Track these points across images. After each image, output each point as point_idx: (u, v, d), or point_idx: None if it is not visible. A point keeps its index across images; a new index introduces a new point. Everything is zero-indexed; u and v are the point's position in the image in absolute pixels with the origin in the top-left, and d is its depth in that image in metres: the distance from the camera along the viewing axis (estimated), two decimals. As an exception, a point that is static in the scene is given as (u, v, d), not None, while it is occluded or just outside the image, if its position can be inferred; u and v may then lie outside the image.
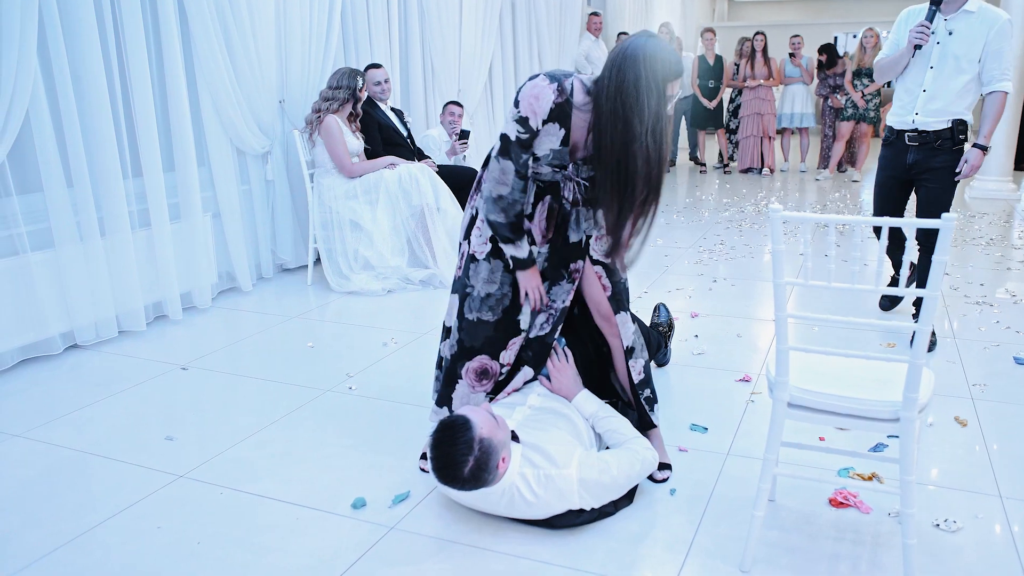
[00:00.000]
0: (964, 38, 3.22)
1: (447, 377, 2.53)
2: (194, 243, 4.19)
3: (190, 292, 4.23)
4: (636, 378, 2.52)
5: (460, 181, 5.17)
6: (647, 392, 2.54)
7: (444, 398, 2.55)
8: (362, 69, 5.05)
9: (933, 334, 3.50)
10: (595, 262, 2.46)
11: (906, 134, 3.41)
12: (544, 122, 2.16)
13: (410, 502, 2.38)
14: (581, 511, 2.18)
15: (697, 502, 2.35)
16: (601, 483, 2.17)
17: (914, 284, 3.74)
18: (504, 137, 2.21)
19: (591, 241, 2.45)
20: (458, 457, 2.01)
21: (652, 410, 2.55)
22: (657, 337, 3.21)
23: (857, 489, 2.32)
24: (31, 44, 3.28)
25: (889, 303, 4.01)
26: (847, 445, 2.64)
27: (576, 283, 2.48)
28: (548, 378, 2.53)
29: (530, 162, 2.26)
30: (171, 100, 4.06)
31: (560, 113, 2.15)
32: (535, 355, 2.51)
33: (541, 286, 2.41)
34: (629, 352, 2.50)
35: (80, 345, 3.70)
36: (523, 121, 2.16)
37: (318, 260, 4.82)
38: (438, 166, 5.07)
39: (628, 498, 2.31)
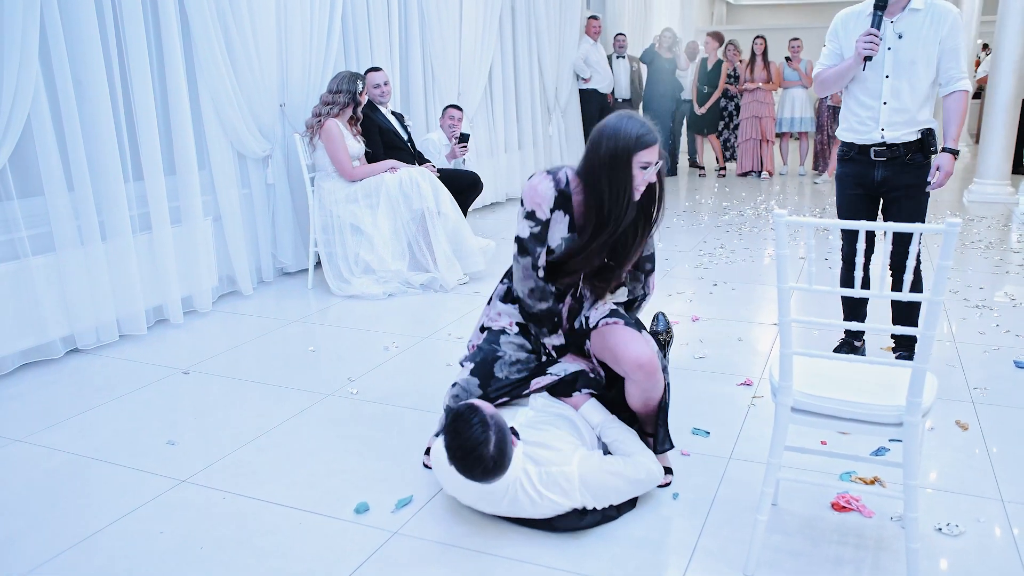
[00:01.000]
0: (916, 39, 2.91)
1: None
2: (195, 247, 4.19)
3: (191, 296, 4.23)
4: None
5: (460, 185, 5.19)
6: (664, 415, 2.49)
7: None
8: (362, 72, 5.06)
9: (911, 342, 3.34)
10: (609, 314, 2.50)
11: (872, 149, 3.06)
12: (551, 210, 2.31)
13: (413, 506, 2.38)
14: (584, 513, 2.18)
15: (700, 506, 2.35)
16: (603, 482, 2.18)
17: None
18: (518, 239, 2.37)
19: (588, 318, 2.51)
20: (479, 436, 2.02)
21: (668, 436, 2.49)
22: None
23: (860, 493, 2.33)
24: (33, 47, 3.28)
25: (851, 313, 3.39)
26: (848, 449, 2.64)
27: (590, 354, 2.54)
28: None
29: (543, 261, 2.38)
30: (172, 103, 4.06)
31: (562, 200, 2.31)
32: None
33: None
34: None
35: (81, 349, 3.69)
36: (531, 215, 2.32)
37: (319, 264, 4.82)
38: (438, 170, 5.07)
39: (631, 502, 2.31)
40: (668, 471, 2.50)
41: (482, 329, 2.58)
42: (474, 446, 2.02)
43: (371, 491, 2.46)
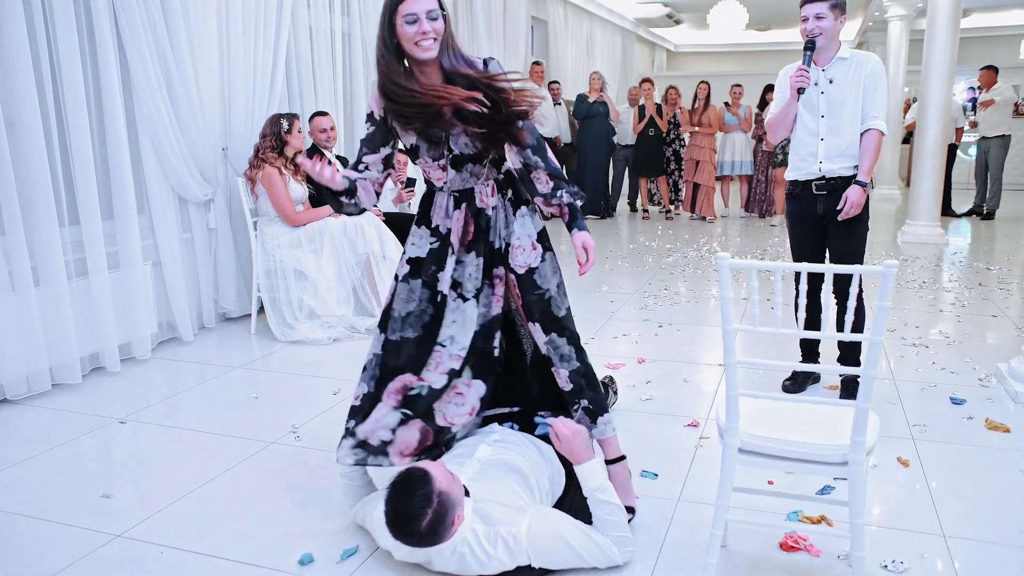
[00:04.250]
0: (844, 83, 3.26)
1: (367, 407, 2.45)
2: (133, 292, 4.08)
3: (129, 343, 4.10)
4: (565, 387, 2.47)
5: (407, 228, 5.14)
6: (583, 402, 2.46)
7: (358, 418, 2.46)
8: (308, 117, 5.06)
9: (854, 389, 3.33)
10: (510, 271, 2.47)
11: (813, 183, 3.34)
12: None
13: (359, 556, 2.31)
14: (531, 569, 2.14)
15: (650, 549, 2.34)
16: (551, 549, 2.12)
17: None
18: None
19: (510, 248, 2.45)
20: (416, 510, 1.97)
21: (594, 422, 2.46)
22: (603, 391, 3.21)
23: (807, 532, 2.34)
24: (-36, 90, 3.20)
25: (807, 355, 3.64)
26: (795, 489, 2.67)
27: (500, 289, 2.47)
28: (546, 436, 2.47)
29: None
30: (110, 146, 3.98)
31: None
32: (476, 365, 2.45)
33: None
34: (546, 361, 2.47)
35: (10, 399, 3.54)
36: (369, 116, 2.39)
37: (262, 309, 4.73)
38: (384, 213, 5.06)
39: None
40: (630, 510, 2.48)
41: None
42: (409, 516, 1.98)
43: (315, 541, 2.39)
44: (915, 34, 9.97)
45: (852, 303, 1.89)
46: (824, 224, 3.37)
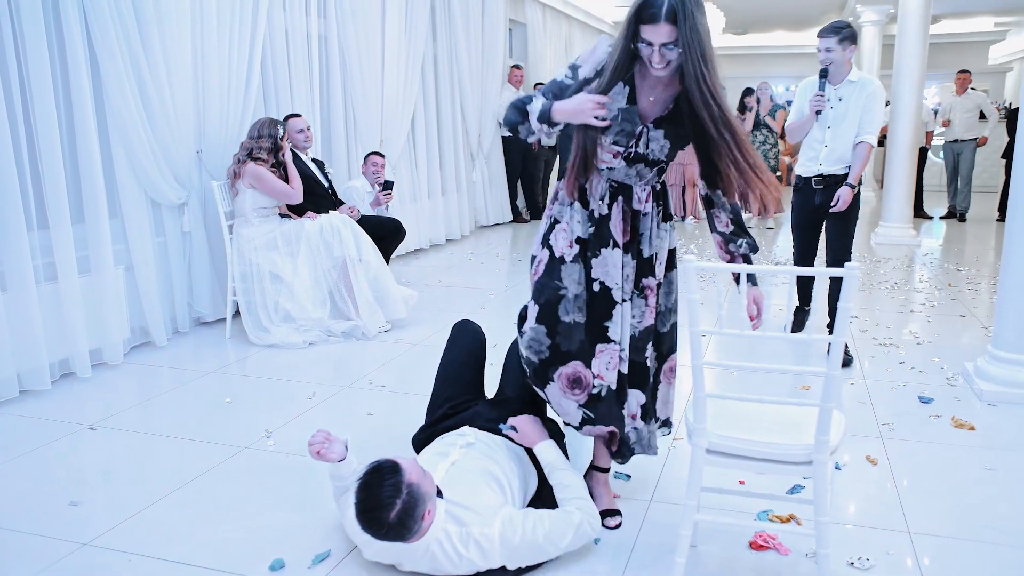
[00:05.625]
0: (850, 102, 3.94)
1: (539, 377, 2.42)
2: (104, 297, 4.03)
3: (100, 348, 4.06)
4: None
5: (383, 232, 5.17)
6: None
7: (540, 383, 2.44)
8: (281, 119, 5.04)
9: (848, 352, 4.10)
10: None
11: (813, 179, 4.05)
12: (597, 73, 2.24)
13: (331, 561, 2.31)
14: (504, 571, 2.15)
15: (622, 550, 2.35)
16: (523, 548, 2.13)
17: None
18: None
19: (656, 260, 2.44)
20: (385, 499, 1.97)
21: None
22: None
23: (776, 531, 2.37)
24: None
25: (798, 326, 4.33)
26: (767, 488, 2.70)
27: (653, 299, 2.45)
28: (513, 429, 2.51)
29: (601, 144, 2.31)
30: (81, 150, 3.94)
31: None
32: (631, 373, 2.46)
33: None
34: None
35: (-22, 406, 3.50)
36: (572, 66, 2.25)
37: (237, 313, 4.71)
38: (362, 216, 5.05)
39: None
40: (616, 513, 2.51)
41: (544, 243, 2.45)
42: (378, 505, 1.98)
43: (287, 546, 2.38)
44: (888, 39, 10.07)
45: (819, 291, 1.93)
46: (821, 212, 4.06)
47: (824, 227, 4.13)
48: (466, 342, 2.89)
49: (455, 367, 2.83)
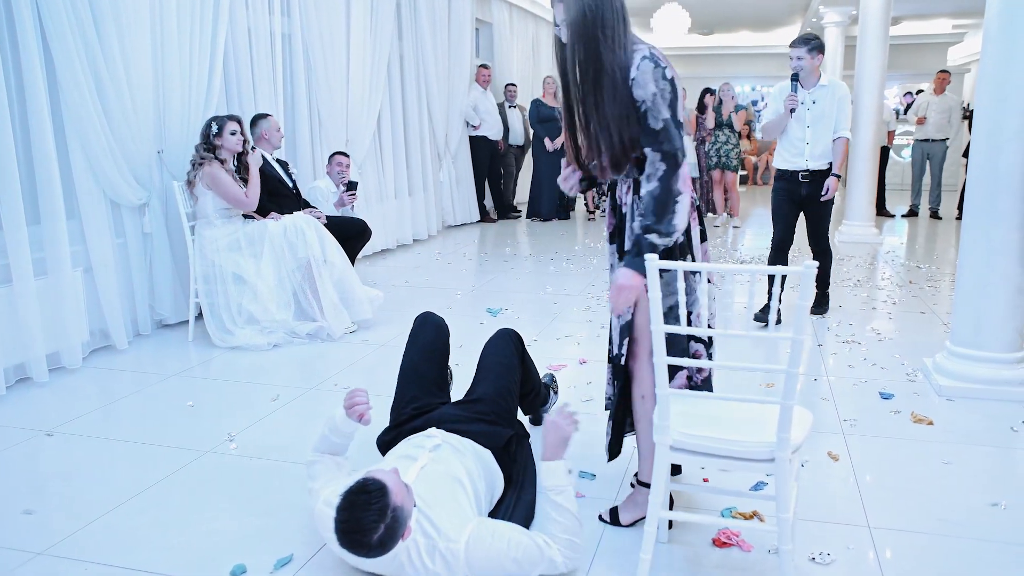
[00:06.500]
0: (824, 103, 4.61)
1: None
2: (62, 299, 3.95)
3: (58, 352, 3.97)
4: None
5: (348, 232, 5.13)
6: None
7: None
8: (250, 118, 5.00)
9: (826, 301, 5.06)
10: None
11: (799, 174, 4.68)
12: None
13: (293, 565, 2.28)
14: None
15: (588, 547, 2.35)
16: (489, 567, 2.09)
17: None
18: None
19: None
20: (369, 523, 1.92)
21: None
22: (544, 391, 3.24)
23: (739, 528, 2.38)
24: None
25: (764, 316, 4.81)
26: (730, 485, 2.71)
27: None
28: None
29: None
30: (35, 149, 3.85)
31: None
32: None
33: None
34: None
35: (-70, 413, 3.41)
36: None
37: (200, 315, 4.64)
38: (326, 217, 5.01)
39: None
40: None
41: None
42: (361, 529, 1.93)
43: (248, 551, 2.35)
44: (850, 40, 10.20)
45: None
46: (804, 202, 4.75)
47: (805, 214, 4.79)
48: (428, 339, 2.87)
49: (418, 366, 2.80)
